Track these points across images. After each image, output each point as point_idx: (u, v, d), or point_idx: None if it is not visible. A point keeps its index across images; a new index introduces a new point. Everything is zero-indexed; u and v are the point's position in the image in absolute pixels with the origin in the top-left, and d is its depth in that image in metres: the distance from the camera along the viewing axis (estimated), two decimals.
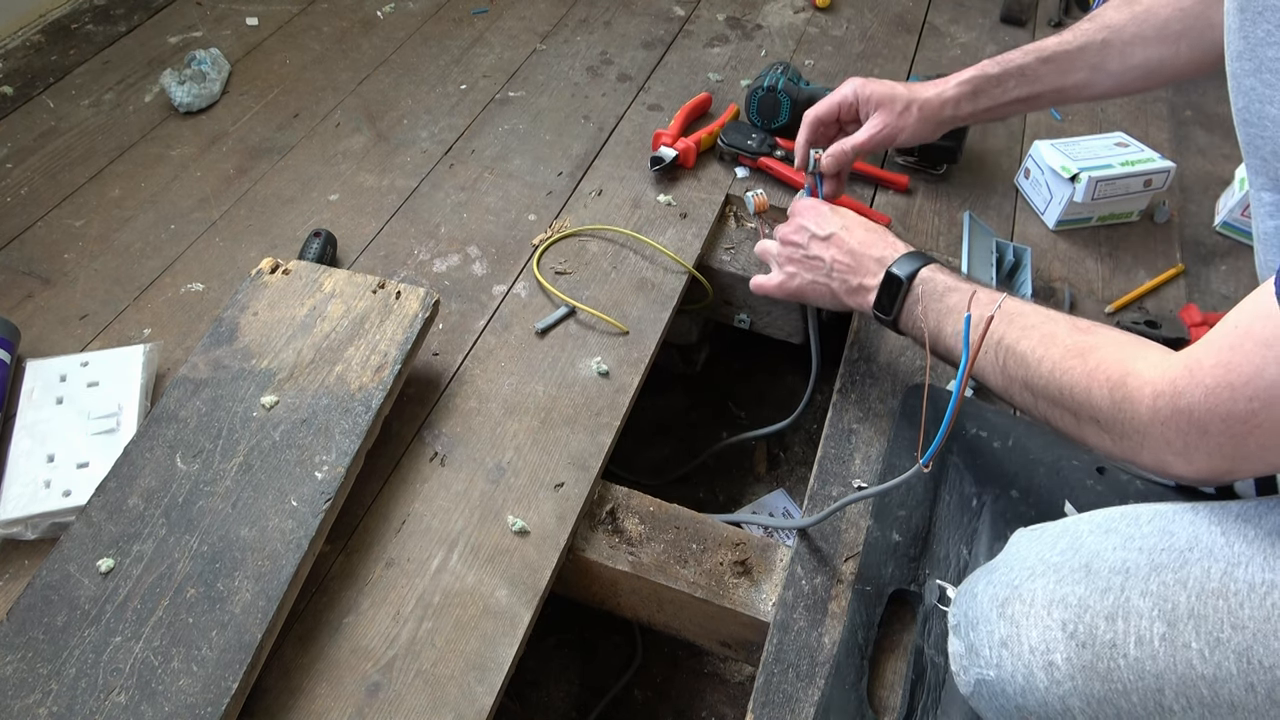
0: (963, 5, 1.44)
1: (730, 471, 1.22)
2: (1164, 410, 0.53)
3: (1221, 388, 0.49)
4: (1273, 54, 0.53)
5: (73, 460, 0.76)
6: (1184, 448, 0.53)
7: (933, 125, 0.88)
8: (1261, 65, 0.53)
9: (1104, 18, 0.82)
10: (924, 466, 0.59)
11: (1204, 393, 0.51)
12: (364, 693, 0.67)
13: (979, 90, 0.86)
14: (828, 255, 0.80)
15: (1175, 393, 0.53)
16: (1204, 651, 0.50)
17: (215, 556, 0.67)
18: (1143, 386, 0.55)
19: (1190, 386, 0.52)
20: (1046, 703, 0.55)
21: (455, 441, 0.83)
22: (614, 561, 0.77)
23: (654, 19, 1.39)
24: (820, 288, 0.81)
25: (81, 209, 1.04)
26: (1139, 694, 0.51)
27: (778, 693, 0.69)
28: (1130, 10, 0.81)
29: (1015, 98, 0.86)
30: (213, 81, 1.19)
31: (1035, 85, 0.85)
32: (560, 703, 1.01)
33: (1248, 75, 0.54)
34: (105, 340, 0.90)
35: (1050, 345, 0.63)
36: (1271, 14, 0.52)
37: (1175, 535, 0.54)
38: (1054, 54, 0.84)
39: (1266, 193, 0.55)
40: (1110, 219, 1.06)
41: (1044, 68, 0.84)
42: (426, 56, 1.30)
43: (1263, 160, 0.55)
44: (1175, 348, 0.99)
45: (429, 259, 1.00)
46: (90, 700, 0.60)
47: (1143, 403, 0.55)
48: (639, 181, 1.10)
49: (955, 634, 0.62)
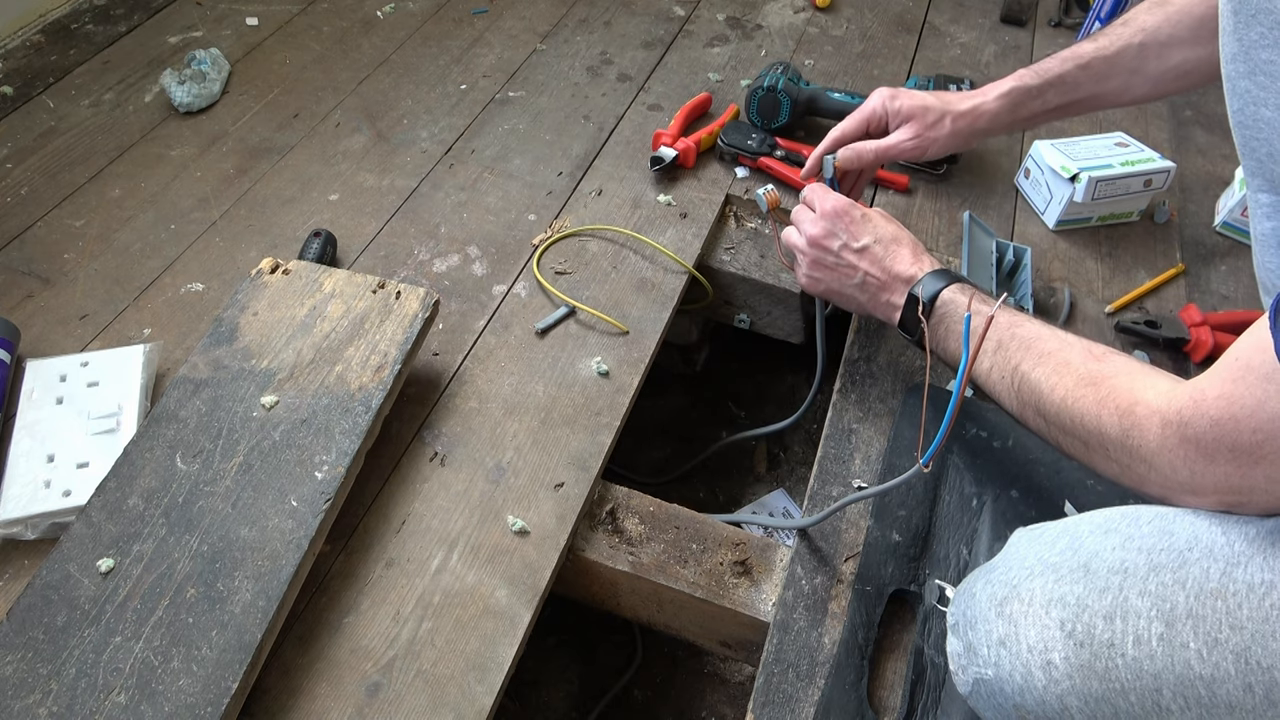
0: (963, 5, 1.44)
1: (730, 471, 1.22)
2: (1171, 440, 0.54)
3: (1226, 420, 0.50)
4: (1266, 56, 0.52)
5: (73, 460, 0.76)
6: (1190, 477, 0.54)
7: (965, 138, 0.87)
8: (1256, 68, 0.53)
9: (1138, 21, 0.81)
10: (924, 467, 0.59)
11: (1209, 424, 0.51)
12: (364, 693, 0.67)
13: (1018, 103, 0.86)
14: (862, 266, 0.79)
15: (1182, 422, 0.53)
16: (1202, 652, 0.49)
17: (215, 556, 0.67)
18: (1151, 415, 0.56)
19: (1196, 417, 0.52)
20: (1044, 702, 0.55)
21: (455, 441, 0.83)
22: (614, 561, 0.77)
23: (654, 19, 1.39)
24: (849, 296, 0.81)
25: (81, 209, 1.04)
26: (1137, 694, 0.51)
27: (778, 693, 0.69)
28: (1164, 11, 0.80)
29: (1054, 106, 0.85)
30: (213, 81, 1.19)
31: (1074, 93, 0.84)
32: (560, 703, 1.01)
33: (1242, 78, 0.54)
34: (105, 340, 0.90)
35: (1063, 373, 0.63)
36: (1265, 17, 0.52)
37: (1175, 535, 0.54)
38: (1091, 60, 0.83)
39: (1263, 194, 0.55)
40: (1110, 219, 1.06)
41: (1083, 75, 0.83)
42: (426, 56, 1.30)
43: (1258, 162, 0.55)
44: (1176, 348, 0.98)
45: (429, 259, 1.00)
46: (90, 700, 0.60)
47: (1150, 431, 0.55)
48: (639, 181, 1.10)
49: (954, 633, 0.62)
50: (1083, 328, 0.94)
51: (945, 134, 0.87)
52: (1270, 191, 0.53)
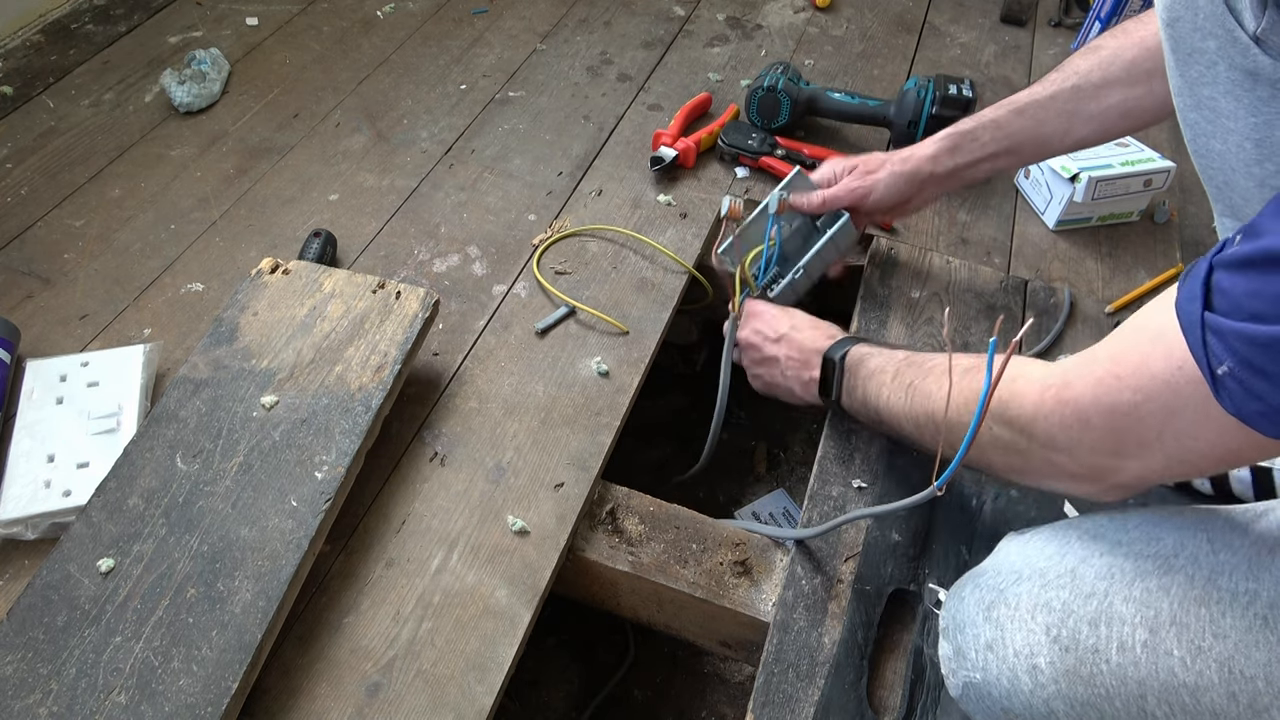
0: (963, 5, 1.44)
1: (730, 471, 1.22)
2: (1049, 402, 0.54)
3: (1108, 378, 0.50)
4: (1207, 93, 0.54)
5: (73, 460, 0.76)
6: (1068, 443, 0.54)
7: (905, 182, 0.89)
8: (1200, 102, 0.55)
9: (1071, 65, 0.83)
10: (939, 491, 0.58)
11: (1092, 382, 0.51)
12: (364, 693, 0.67)
13: (956, 145, 0.87)
14: (781, 354, 0.83)
15: (1064, 383, 0.53)
16: (1185, 659, 0.50)
17: (215, 556, 0.67)
18: (1031, 383, 0.56)
19: (1079, 376, 0.53)
20: (1031, 706, 0.55)
21: (455, 441, 0.83)
22: (614, 561, 0.77)
23: (654, 19, 1.39)
24: (784, 387, 0.85)
25: (81, 209, 1.04)
26: (1122, 699, 0.52)
27: (778, 693, 0.69)
28: (1097, 56, 0.81)
29: (993, 151, 0.87)
30: (213, 81, 1.19)
31: (1012, 138, 0.86)
32: (559, 703, 1.01)
33: (1189, 110, 0.56)
34: (105, 340, 0.91)
35: (946, 374, 0.64)
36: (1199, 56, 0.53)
37: (1161, 541, 0.54)
38: (1026, 105, 0.85)
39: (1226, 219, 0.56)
40: (1110, 219, 1.06)
41: (1017, 119, 0.85)
42: (426, 56, 1.30)
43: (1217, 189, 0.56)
44: None
45: (429, 259, 1.00)
46: (90, 700, 0.60)
47: (1029, 396, 0.56)
48: (639, 181, 1.10)
49: (944, 637, 0.62)
50: (1083, 328, 0.94)
51: (885, 175, 0.89)
52: (1231, 217, 0.54)
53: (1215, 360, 0.43)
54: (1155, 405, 0.47)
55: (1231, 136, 0.53)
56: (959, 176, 0.89)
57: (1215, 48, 0.52)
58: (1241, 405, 0.43)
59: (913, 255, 1.02)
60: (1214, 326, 0.43)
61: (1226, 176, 0.55)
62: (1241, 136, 0.52)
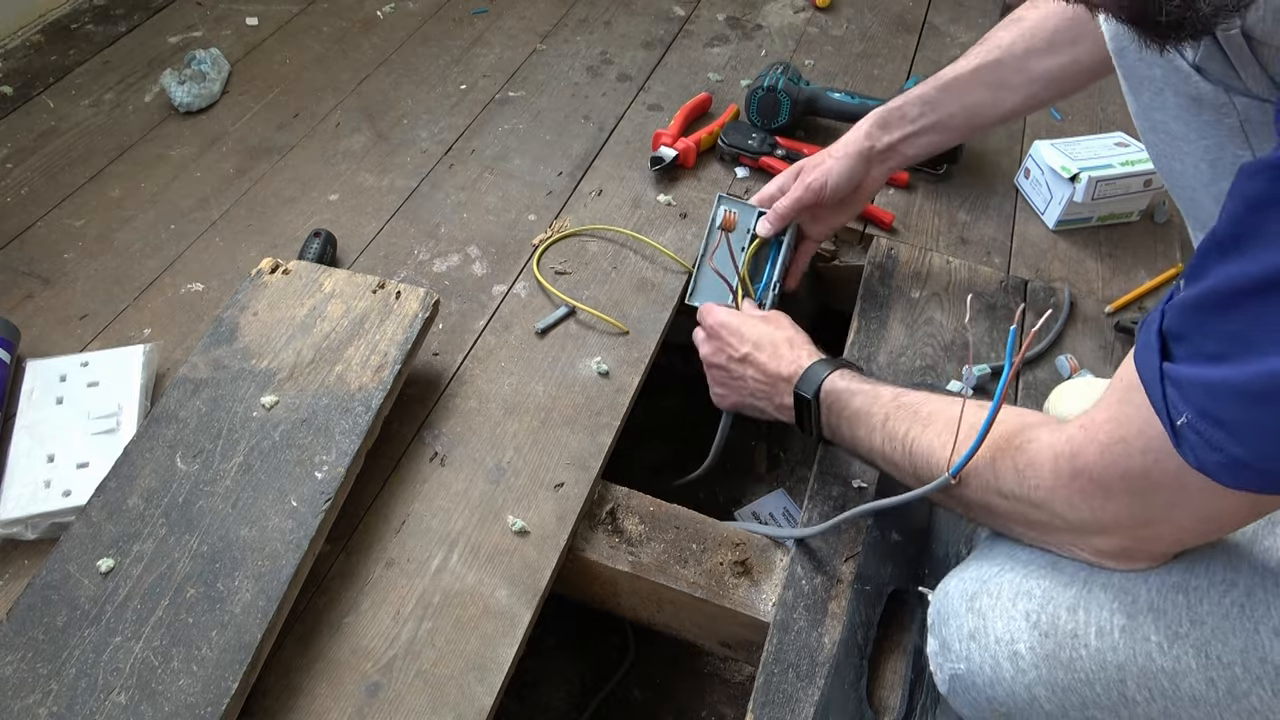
0: (963, 5, 1.44)
1: (730, 471, 1.22)
2: (1065, 472, 0.52)
3: (1115, 443, 0.48)
4: (1160, 117, 0.55)
5: (73, 460, 0.76)
6: (1092, 515, 0.52)
7: (854, 161, 0.88)
8: (1155, 126, 0.56)
9: (994, 39, 0.84)
10: (952, 479, 0.58)
11: (1099, 449, 0.49)
12: (364, 693, 0.67)
13: (886, 121, 0.88)
14: (747, 375, 0.80)
15: (1073, 452, 0.51)
16: (1163, 645, 0.50)
17: (215, 556, 0.67)
18: (1042, 450, 0.54)
19: (1086, 445, 0.50)
20: (1014, 692, 0.56)
21: (455, 441, 0.83)
22: (614, 561, 0.77)
23: (654, 19, 1.39)
24: (752, 405, 0.82)
25: (81, 209, 1.04)
26: (1102, 684, 0.52)
27: (778, 693, 0.69)
28: (1018, 28, 0.82)
29: (923, 126, 0.87)
30: (213, 81, 1.19)
31: (938, 111, 0.86)
32: (560, 703, 1.01)
33: (1147, 132, 0.57)
34: (105, 340, 0.90)
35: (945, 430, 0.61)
36: (1148, 84, 0.54)
37: None
38: (949, 80, 0.85)
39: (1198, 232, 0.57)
40: (1110, 219, 1.06)
41: (942, 95, 0.86)
42: (426, 56, 1.30)
43: (1185, 205, 0.57)
44: None
45: (429, 259, 1.00)
46: (90, 700, 0.60)
47: (1044, 466, 0.53)
48: (639, 181, 1.10)
49: (930, 632, 0.62)
50: (1083, 328, 0.94)
51: (833, 161, 0.89)
52: (1203, 231, 0.55)
53: (1175, 412, 0.42)
54: (1169, 463, 0.45)
55: (1188, 158, 0.54)
56: (897, 152, 0.89)
57: (1161, 75, 0.53)
58: (1203, 457, 0.41)
59: (913, 255, 1.02)
60: (1172, 377, 0.42)
61: (1191, 194, 0.56)
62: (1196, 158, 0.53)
